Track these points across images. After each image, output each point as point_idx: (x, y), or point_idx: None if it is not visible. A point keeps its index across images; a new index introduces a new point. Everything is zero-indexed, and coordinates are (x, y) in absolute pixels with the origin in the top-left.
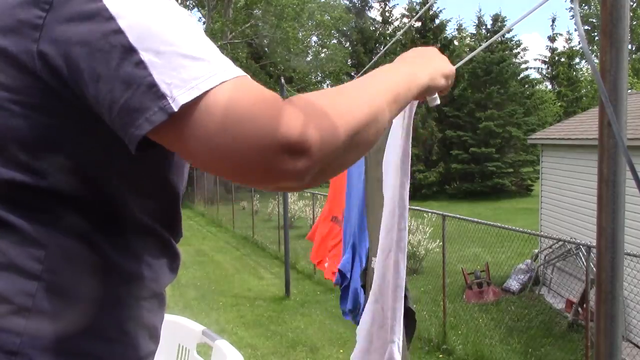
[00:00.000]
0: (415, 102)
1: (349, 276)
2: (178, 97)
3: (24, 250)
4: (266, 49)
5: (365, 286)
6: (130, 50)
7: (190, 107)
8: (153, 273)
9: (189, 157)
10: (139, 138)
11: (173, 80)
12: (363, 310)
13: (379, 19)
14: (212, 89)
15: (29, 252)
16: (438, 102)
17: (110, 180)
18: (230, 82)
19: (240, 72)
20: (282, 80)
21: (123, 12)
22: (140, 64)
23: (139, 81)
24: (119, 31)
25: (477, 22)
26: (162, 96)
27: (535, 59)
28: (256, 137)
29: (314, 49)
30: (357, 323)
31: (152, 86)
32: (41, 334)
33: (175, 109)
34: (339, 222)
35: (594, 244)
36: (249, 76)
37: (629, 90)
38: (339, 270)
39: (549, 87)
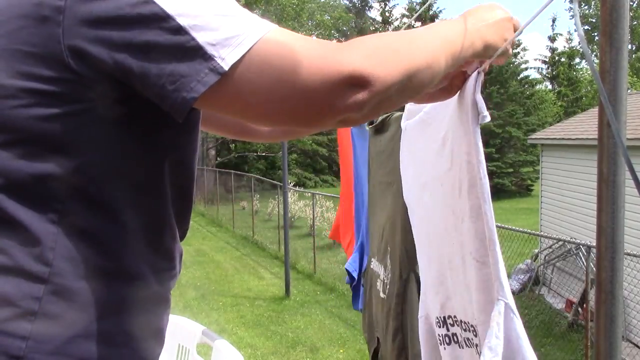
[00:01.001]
0: (480, 82)
1: (355, 275)
2: (227, 57)
3: (32, 252)
4: None
5: (366, 287)
6: (167, 17)
7: (241, 64)
8: (158, 276)
9: (244, 113)
10: (192, 101)
11: (217, 40)
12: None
13: (379, 19)
14: (257, 42)
15: (36, 254)
16: (488, 119)
17: (119, 182)
18: (272, 32)
19: (274, 25)
20: None
21: None
22: (180, 29)
23: (183, 46)
24: (150, 1)
25: None
26: (210, 57)
27: (535, 59)
28: (320, 74)
29: None
30: None
31: (198, 49)
32: (47, 338)
33: (226, 69)
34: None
35: (594, 244)
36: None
37: (629, 90)
38: (346, 269)
39: (549, 87)
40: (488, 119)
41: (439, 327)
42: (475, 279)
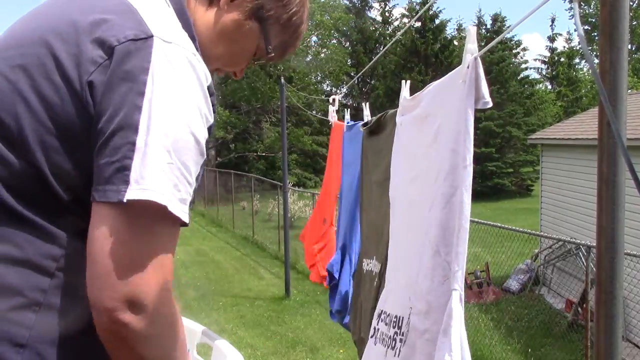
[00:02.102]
0: (480, 67)
1: (337, 276)
2: (129, 193)
3: (42, 248)
4: None
5: (356, 288)
6: (133, 127)
7: (137, 207)
8: None
9: (89, 234)
10: (94, 199)
11: (151, 175)
12: (350, 312)
13: (379, 19)
14: (156, 205)
15: (46, 250)
16: (490, 104)
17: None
18: (171, 216)
19: (185, 216)
20: (282, 80)
21: (156, 102)
22: (133, 145)
23: (121, 157)
24: (139, 108)
25: (477, 22)
26: (127, 182)
27: (535, 59)
28: (126, 271)
29: (314, 50)
30: (344, 325)
31: (126, 169)
32: (49, 328)
33: (125, 199)
34: (326, 224)
35: (594, 244)
36: (187, 221)
37: (629, 90)
38: (327, 270)
39: (549, 87)
40: (490, 104)
41: (375, 319)
42: (425, 266)
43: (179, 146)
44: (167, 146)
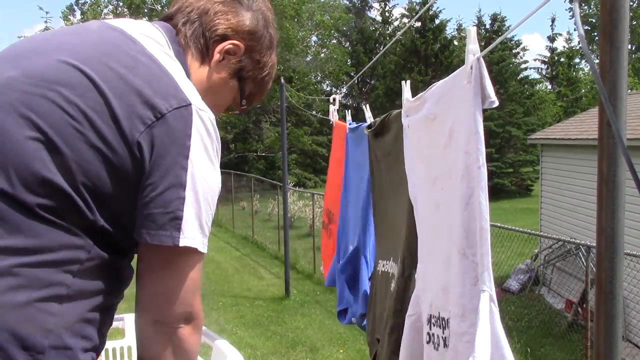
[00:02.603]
0: (483, 66)
1: (344, 279)
2: (185, 240)
3: (71, 251)
4: None
5: (371, 290)
6: (182, 185)
7: (184, 249)
8: (119, 288)
9: (147, 275)
10: (146, 241)
11: (191, 225)
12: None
13: (379, 19)
14: (200, 252)
15: (74, 254)
16: (496, 103)
17: (127, 229)
18: (202, 257)
19: (205, 249)
20: (282, 80)
21: (194, 160)
22: (183, 199)
23: (174, 210)
24: (185, 169)
25: (476, 22)
26: (180, 229)
27: (535, 59)
28: (187, 298)
29: (314, 50)
30: (363, 326)
31: (179, 219)
32: (68, 317)
33: (180, 245)
34: (331, 223)
35: (594, 244)
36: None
37: (629, 90)
38: (337, 272)
39: (549, 87)
40: (496, 103)
41: (427, 324)
42: (455, 271)
43: (210, 197)
44: (204, 199)
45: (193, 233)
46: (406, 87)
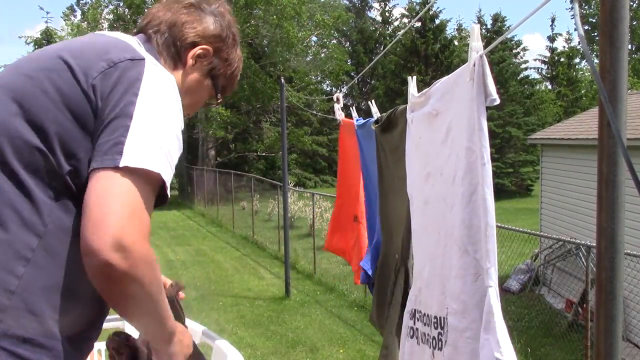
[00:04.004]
0: (486, 63)
1: (371, 274)
2: (125, 158)
3: (35, 213)
4: (266, 49)
5: (380, 284)
6: (128, 115)
7: (125, 171)
8: None
9: (86, 194)
10: (91, 168)
11: (136, 148)
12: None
13: (379, 19)
14: (146, 173)
15: (38, 216)
16: (497, 101)
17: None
18: (155, 180)
19: (167, 189)
20: (282, 80)
21: (144, 96)
22: (128, 129)
23: (117, 136)
24: (133, 104)
25: (477, 22)
26: (121, 153)
27: (535, 59)
28: (116, 222)
29: (314, 49)
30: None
31: (121, 144)
32: (34, 282)
33: (120, 165)
34: (357, 222)
35: (594, 244)
36: (168, 195)
37: (629, 90)
38: (361, 267)
39: (549, 87)
40: (497, 101)
41: (410, 319)
42: (455, 267)
43: (167, 130)
44: (155, 132)
45: (137, 155)
46: (412, 82)
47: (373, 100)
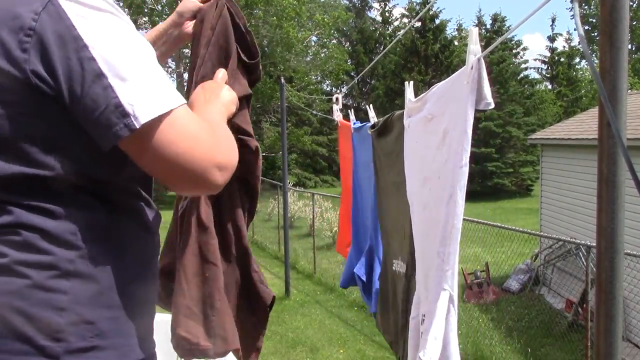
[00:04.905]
0: (483, 67)
1: (364, 279)
2: (140, 117)
3: (63, 227)
4: (266, 49)
5: (385, 290)
6: (100, 75)
7: (149, 126)
8: (139, 241)
9: (145, 166)
10: (109, 147)
11: (135, 101)
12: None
13: (379, 19)
14: (168, 112)
15: (66, 228)
16: (492, 105)
17: (100, 168)
18: (181, 109)
19: (183, 100)
20: (282, 80)
21: (94, 42)
22: (109, 87)
23: (108, 101)
24: (91, 57)
25: (477, 22)
26: (127, 114)
27: (535, 59)
28: (202, 156)
29: (314, 49)
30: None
31: (118, 106)
32: (82, 292)
33: (137, 126)
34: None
35: (594, 244)
36: (182, 100)
37: (629, 90)
38: (355, 274)
39: (549, 87)
40: (491, 105)
41: (422, 324)
42: (432, 269)
43: (137, 55)
44: (131, 65)
45: (144, 105)
46: (409, 88)
47: (371, 105)
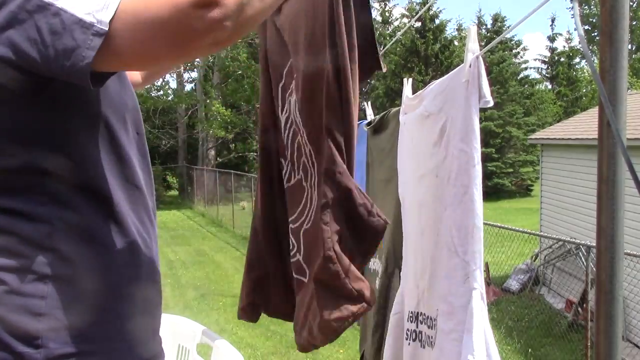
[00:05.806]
0: (482, 65)
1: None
2: (103, 18)
3: (37, 229)
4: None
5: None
6: (46, 6)
7: (115, 20)
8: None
9: (129, 65)
10: (88, 67)
11: (90, 8)
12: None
13: (379, 19)
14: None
15: (41, 230)
16: (491, 103)
17: (72, 152)
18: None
19: None
20: None
21: None
22: (60, 10)
23: (65, 24)
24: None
25: (477, 22)
26: (90, 25)
27: (535, 59)
28: (173, 6)
29: None
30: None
31: (78, 21)
32: (62, 295)
33: (106, 28)
34: None
35: (594, 244)
36: None
37: (629, 90)
38: None
39: (549, 87)
40: (491, 103)
41: (410, 321)
42: (445, 267)
43: None
44: None
45: (97, 10)
46: (408, 84)
47: (369, 102)
